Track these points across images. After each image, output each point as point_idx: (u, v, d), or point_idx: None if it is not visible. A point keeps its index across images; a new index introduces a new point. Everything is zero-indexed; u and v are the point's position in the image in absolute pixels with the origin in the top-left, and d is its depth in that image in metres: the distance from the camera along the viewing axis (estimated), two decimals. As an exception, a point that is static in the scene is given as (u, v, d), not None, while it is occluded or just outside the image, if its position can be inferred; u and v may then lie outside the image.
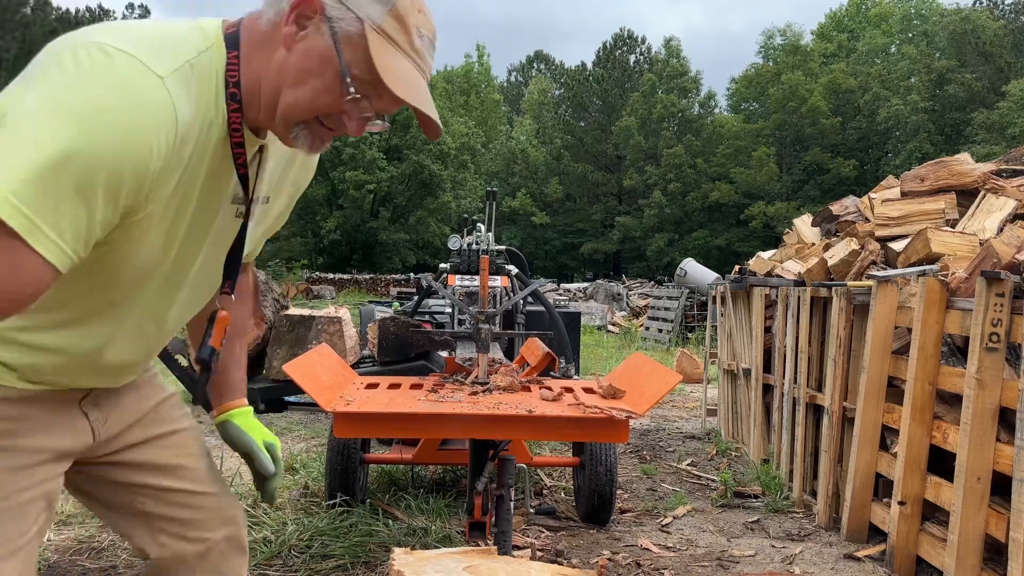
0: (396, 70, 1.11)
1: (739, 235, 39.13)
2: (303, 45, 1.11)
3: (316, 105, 1.13)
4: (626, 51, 47.79)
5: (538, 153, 47.45)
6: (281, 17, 1.11)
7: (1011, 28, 36.88)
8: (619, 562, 3.17)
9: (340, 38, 1.10)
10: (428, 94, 1.17)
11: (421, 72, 1.16)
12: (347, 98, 1.11)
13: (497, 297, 4.36)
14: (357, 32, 1.10)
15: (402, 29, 1.12)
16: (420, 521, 3.39)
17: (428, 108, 1.13)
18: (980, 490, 2.74)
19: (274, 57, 1.12)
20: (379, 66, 1.09)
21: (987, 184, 3.87)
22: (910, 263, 3.52)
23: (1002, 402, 2.71)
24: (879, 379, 3.41)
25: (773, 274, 4.91)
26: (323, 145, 1.21)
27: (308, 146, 1.18)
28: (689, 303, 13.48)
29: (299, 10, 1.10)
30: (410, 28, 1.13)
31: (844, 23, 45.54)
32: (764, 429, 4.89)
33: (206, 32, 1.13)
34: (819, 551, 3.39)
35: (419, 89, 1.14)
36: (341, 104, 1.13)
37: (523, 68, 63.70)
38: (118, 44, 1.02)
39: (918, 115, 35.81)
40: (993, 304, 2.71)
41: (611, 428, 2.06)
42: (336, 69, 1.10)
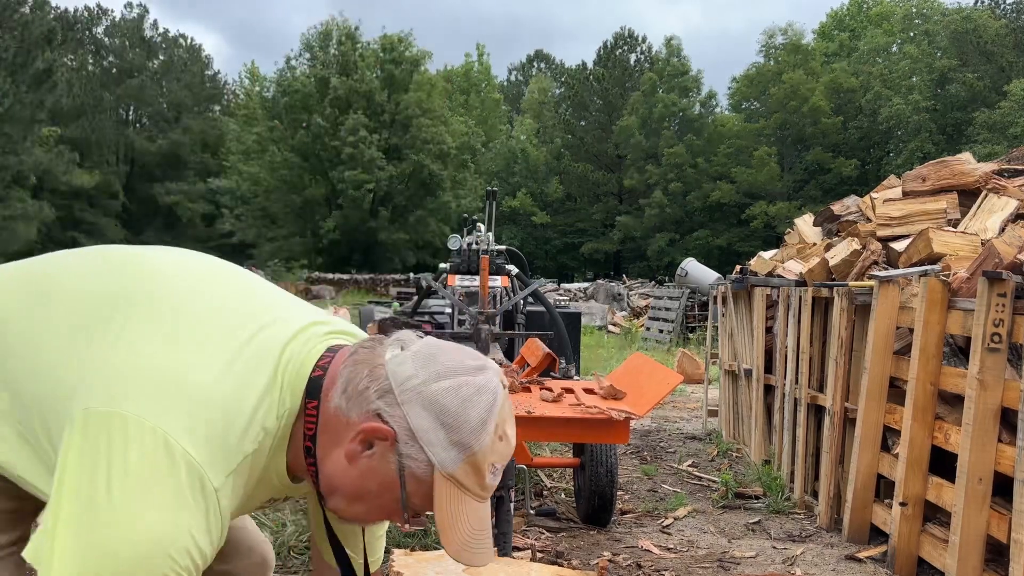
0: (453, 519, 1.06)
1: (740, 235, 39.10)
2: (367, 465, 1.07)
3: (369, 519, 1.16)
4: (627, 50, 47.76)
5: (538, 153, 47.43)
6: (349, 420, 1.06)
7: (1013, 27, 36.84)
8: (619, 563, 3.16)
9: (406, 473, 1.05)
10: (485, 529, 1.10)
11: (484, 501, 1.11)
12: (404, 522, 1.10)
13: (497, 297, 4.35)
14: (425, 476, 1.05)
15: (475, 474, 1.07)
16: (420, 522, 3.38)
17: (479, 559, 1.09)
18: (982, 491, 2.73)
19: (334, 457, 1.08)
20: (439, 519, 1.06)
21: (989, 184, 3.86)
22: (912, 263, 3.51)
23: (1004, 403, 2.70)
24: (880, 379, 3.40)
25: (774, 274, 4.90)
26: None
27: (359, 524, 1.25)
28: (690, 303, 13.46)
29: (368, 435, 1.05)
30: (484, 472, 1.08)
31: (845, 22, 45.51)
32: (765, 430, 4.88)
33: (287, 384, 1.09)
34: (820, 552, 3.38)
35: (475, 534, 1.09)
36: (394, 518, 1.13)
37: (523, 67, 63.68)
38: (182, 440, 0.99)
39: (919, 115, 35.78)
40: (995, 304, 2.69)
41: (611, 429, 2.05)
42: (396, 497, 1.07)
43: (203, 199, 43.24)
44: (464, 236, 4.89)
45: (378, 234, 35.15)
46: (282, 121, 34.84)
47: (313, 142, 34.24)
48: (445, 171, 35.56)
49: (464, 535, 1.07)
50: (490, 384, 1.08)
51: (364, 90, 34.61)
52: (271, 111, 35.98)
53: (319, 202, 35.32)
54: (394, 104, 35.45)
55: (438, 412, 1.04)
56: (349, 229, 34.80)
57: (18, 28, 15.80)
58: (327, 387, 1.09)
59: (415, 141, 34.82)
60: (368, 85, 34.70)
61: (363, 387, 1.06)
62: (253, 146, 35.99)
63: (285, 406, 1.09)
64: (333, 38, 36.84)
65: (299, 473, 1.14)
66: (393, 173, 34.38)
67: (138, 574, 0.95)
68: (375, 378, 1.06)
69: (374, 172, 33.68)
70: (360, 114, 33.71)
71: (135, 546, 0.94)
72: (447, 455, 1.04)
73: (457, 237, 4.78)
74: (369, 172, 33.61)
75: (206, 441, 1.00)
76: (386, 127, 35.42)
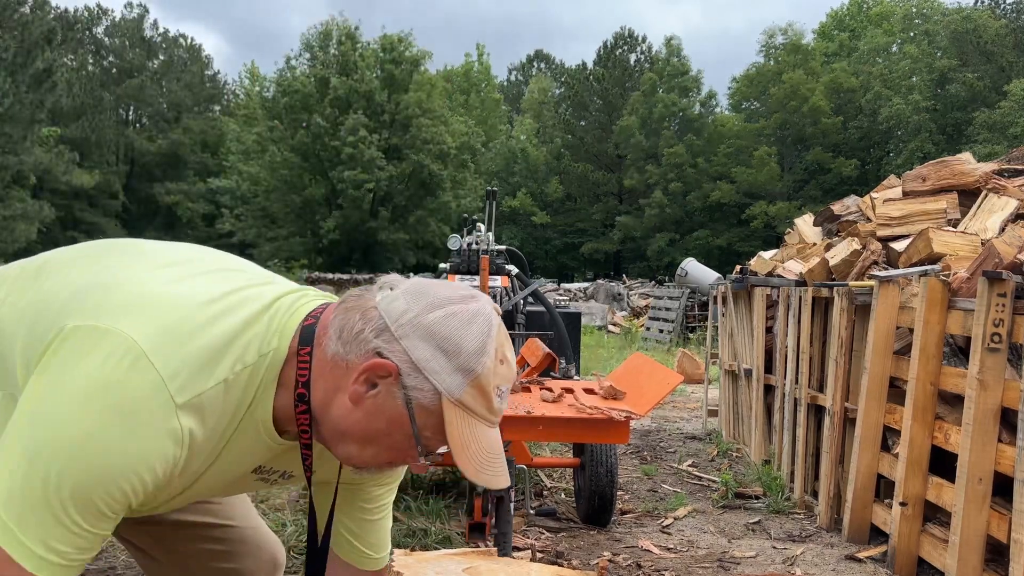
0: (468, 443, 1.06)
1: (740, 235, 39.09)
2: (372, 404, 1.06)
3: (382, 461, 1.12)
4: (627, 50, 47.75)
5: (538, 153, 47.42)
6: (349, 363, 1.05)
7: (1013, 27, 36.84)
8: (620, 563, 3.16)
9: (414, 406, 1.05)
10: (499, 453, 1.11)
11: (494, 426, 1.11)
12: (415, 448, 1.08)
13: (497, 297, 4.35)
14: (433, 404, 1.05)
15: (482, 397, 1.06)
16: (420, 522, 3.38)
17: (497, 481, 1.09)
18: (982, 491, 2.73)
19: (338, 402, 1.07)
20: (453, 445, 1.05)
21: (989, 184, 3.86)
22: (912, 263, 3.51)
23: (1004, 403, 2.70)
24: (880, 379, 3.40)
25: (774, 274, 4.90)
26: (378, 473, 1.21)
27: (371, 474, 1.20)
28: (690, 303, 13.47)
29: (370, 373, 1.04)
30: (491, 395, 1.07)
31: (845, 22, 45.50)
32: (765, 430, 4.88)
33: (274, 327, 1.09)
34: (820, 552, 3.38)
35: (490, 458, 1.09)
36: (408, 459, 1.12)
37: (523, 67, 63.68)
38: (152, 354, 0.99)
39: (919, 114, 35.78)
40: (995, 304, 2.70)
41: (612, 429, 2.05)
42: (407, 432, 1.06)
43: (203, 199, 43.25)
44: (464, 236, 4.89)
45: (378, 234, 35.14)
46: (282, 121, 34.81)
47: (313, 142, 34.22)
48: (445, 171, 35.54)
49: (479, 458, 1.07)
50: (484, 310, 1.08)
51: (364, 90, 34.60)
52: (271, 111, 35.95)
53: (319, 202, 35.31)
54: (394, 104, 35.43)
55: (437, 341, 1.04)
56: (349, 229, 34.79)
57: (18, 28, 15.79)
58: (320, 334, 1.08)
59: (415, 141, 34.80)
60: (368, 85, 34.68)
61: (358, 329, 1.06)
62: (253, 146, 35.97)
63: (271, 346, 1.08)
64: (333, 38, 36.82)
65: (288, 426, 1.11)
66: (393, 173, 34.36)
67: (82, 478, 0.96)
68: (369, 319, 1.06)
69: (374, 172, 33.67)
70: (360, 114, 33.69)
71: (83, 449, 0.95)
72: (452, 381, 1.04)
73: (457, 237, 4.78)
74: (369, 172, 33.59)
75: (180, 357, 1.00)
76: (386, 127, 35.40)
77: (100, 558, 3.08)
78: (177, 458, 1.02)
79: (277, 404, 1.10)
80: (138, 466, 0.98)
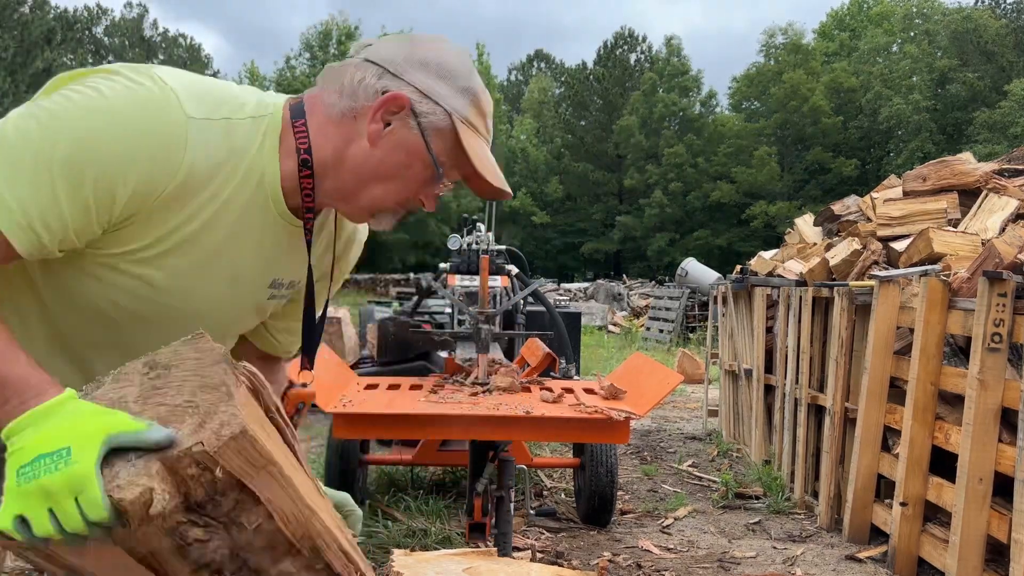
0: (482, 156, 1.16)
1: (740, 235, 39.08)
2: (390, 140, 1.12)
3: (405, 195, 1.17)
4: (627, 50, 47.75)
5: (538, 152, 47.42)
6: (358, 111, 1.12)
7: (1013, 27, 36.83)
8: (620, 563, 3.16)
9: (429, 132, 1.12)
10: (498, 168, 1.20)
11: (490, 143, 1.20)
12: (433, 181, 1.15)
13: (497, 297, 4.35)
14: (446, 126, 1.12)
15: (480, 116, 1.16)
16: (420, 522, 3.38)
17: (508, 189, 1.19)
18: (982, 491, 2.73)
19: (353, 151, 1.13)
20: (472, 157, 1.13)
21: (989, 184, 3.86)
22: (912, 263, 3.51)
23: (1004, 403, 2.70)
24: (881, 379, 3.39)
25: (775, 274, 4.89)
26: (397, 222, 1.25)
27: (388, 225, 1.24)
28: (690, 303, 13.46)
29: (385, 108, 1.10)
30: (486, 113, 1.17)
31: (845, 22, 45.48)
32: (765, 430, 4.88)
33: (266, 102, 1.15)
34: (820, 552, 3.38)
35: (496, 169, 1.18)
36: (425, 186, 1.17)
37: (523, 67, 63.67)
38: (167, 78, 1.05)
39: (920, 114, 35.77)
40: (995, 304, 2.69)
41: (611, 429, 2.04)
42: (425, 160, 1.13)
43: (203, 199, 43.19)
44: (464, 236, 4.89)
45: (378, 234, 34.92)
46: (282, 121, 34.79)
47: (313, 142, 34.25)
48: (445, 171, 35.51)
49: (493, 170, 1.17)
50: (453, 42, 1.18)
51: (364, 90, 34.62)
52: (271, 111, 35.92)
53: (319, 202, 35.33)
54: (394, 104, 35.46)
55: (434, 69, 1.12)
56: (349, 229, 34.74)
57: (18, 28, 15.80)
58: (310, 108, 1.14)
59: (415, 141, 34.80)
60: (368, 85, 34.70)
61: (359, 78, 1.11)
62: (253, 146, 35.94)
63: (268, 110, 1.13)
64: (333, 38, 36.84)
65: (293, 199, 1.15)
66: (393, 173, 34.34)
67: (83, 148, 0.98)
68: (365, 69, 1.11)
69: (374, 172, 33.65)
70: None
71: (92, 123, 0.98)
72: (458, 101, 1.13)
73: (457, 237, 4.78)
74: (369, 172, 33.58)
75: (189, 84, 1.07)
76: (386, 127, 35.43)
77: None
78: (175, 170, 1.03)
79: (284, 172, 1.13)
80: (138, 154, 1.00)
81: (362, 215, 1.20)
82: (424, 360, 3.94)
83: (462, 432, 2.17)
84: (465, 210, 31.94)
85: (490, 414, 2.09)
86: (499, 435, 2.24)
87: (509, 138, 49.20)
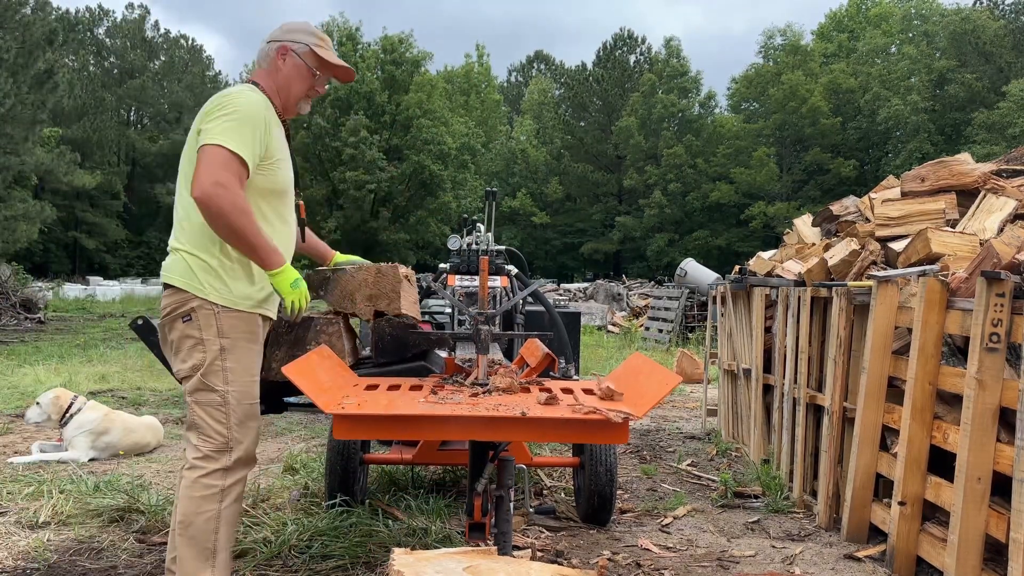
0: (331, 55, 2.59)
1: (739, 235, 39.11)
2: (288, 65, 2.55)
3: (303, 89, 2.57)
4: (626, 51, 47.77)
5: (538, 153, 47.42)
6: (271, 62, 2.56)
7: (1011, 28, 36.84)
8: (619, 562, 3.17)
9: (302, 55, 2.56)
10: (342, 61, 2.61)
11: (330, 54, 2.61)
12: (316, 80, 2.58)
13: (497, 297, 4.36)
14: (307, 50, 2.56)
15: (322, 41, 2.60)
16: (420, 521, 3.39)
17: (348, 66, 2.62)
18: (980, 490, 2.74)
19: (277, 78, 2.55)
20: (324, 57, 2.57)
21: (987, 184, 3.87)
22: (910, 263, 3.52)
23: (1002, 402, 2.71)
24: (879, 379, 3.40)
25: (773, 274, 4.90)
26: (307, 109, 2.64)
27: (306, 110, 2.63)
28: (689, 303, 13.47)
29: (279, 53, 2.56)
30: (326, 39, 2.62)
31: (844, 23, 45.50)
32: (764, 429, 4.89)
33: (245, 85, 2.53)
34: (819, 551, 3.39)
35: (341, 61, 2.59)
36: (314, 84, 2.58)
37: (523, 68, 63.69)
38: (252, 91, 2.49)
39: (918, 115, 35.79)
40: (993, 304, 2.70)
41: (611, 429, 2.05)
42: (308, 71, 2.57)
43: (203, 200, 43.14)
44: (464, 236, 4.89)
45: (379, 234, 35.13)
46: (282, 122, 34.81)
47: (314, 143, 34.24)
48: (445, 172, 35.53)
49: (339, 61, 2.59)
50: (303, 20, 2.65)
51: (365, 91, 34.62)
52: (271, 112, 35.94)
53: (320, 202, 35.29)
54: (395, 105, 35.45)
55: (292, 28, 2.58)
56: (350, 229, 34.78)
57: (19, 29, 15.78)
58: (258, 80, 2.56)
59: (415, 142, 34.81)
60: (369, 86, 34.70)
61: (265, 51, 2.58)
62: (253, 147, 35.94)
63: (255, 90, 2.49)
64: (334, 39, 36.82)
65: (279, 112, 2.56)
66: (394, 174, 34.37)
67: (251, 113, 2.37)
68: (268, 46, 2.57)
69: (375, 173, 33.67)
70: (361, 115, 33.73)
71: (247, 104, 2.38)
72: (309, 39, 2.56)
73: (457, 237, 4.79)
74: (370, 173, 33.59)
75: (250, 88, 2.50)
76: (387, 128, 35.41)
77: (101, 558, 3.09)
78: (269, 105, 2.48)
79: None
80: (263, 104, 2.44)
81: (294, 109, 2.59)
82: (422, 360, 3.94)
83: (462, 433, 2.17)
84: (465, 210, 31.96)
85: (490, 415, 2.10)
86: (499, 436, 2.25)
87: (509, 139, 49.17)
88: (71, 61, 39.86)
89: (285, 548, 3.10)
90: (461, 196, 36.73)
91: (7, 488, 3.99)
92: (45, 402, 4.81)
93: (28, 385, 7.50)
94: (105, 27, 48.97)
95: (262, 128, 2.36)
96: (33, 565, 3.01)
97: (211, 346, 2.37)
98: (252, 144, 2.32)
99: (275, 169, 2.44)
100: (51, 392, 4.88)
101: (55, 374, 8.27)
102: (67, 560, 3.06)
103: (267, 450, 5.09)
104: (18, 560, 3.06)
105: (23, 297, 16.34)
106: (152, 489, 3.95)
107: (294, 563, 3.01)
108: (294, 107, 2.55)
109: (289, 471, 4.38)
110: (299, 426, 5.90)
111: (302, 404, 3.04)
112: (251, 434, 2.42)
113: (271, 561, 3.02)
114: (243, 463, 2.40)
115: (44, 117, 16.93)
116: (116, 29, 48.98)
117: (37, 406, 4.82)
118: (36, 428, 5.06)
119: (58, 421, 4.78)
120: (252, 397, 2.43)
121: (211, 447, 2.35)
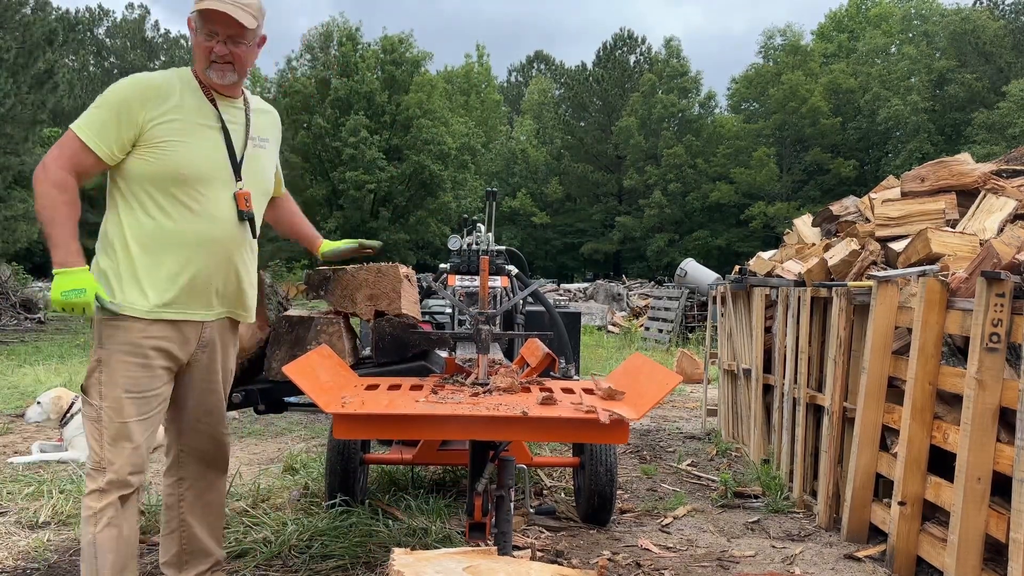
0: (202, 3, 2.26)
1: (739, 235, 39.09)
2: (195, 37, 2.32)
3: (200, 53, 2.32)
4: (626, 51, 47.75)
5: (538, 153, 47.41)
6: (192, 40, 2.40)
7: (1011, 28, 36.84)
8: (619, 562, 3.17)
9: (195, 22, 2.31)
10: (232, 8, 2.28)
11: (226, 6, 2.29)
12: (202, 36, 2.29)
13: (497, 297, 4.36)
14: (194, 13, 2.30)
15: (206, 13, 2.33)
16: (420, 521, 3.39)
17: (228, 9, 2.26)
18: (980, 490, 2.74)
19: (196, 49, 2.35)
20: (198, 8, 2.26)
21: (987, 184, 3.87)
22: (910, 263, 3.52)
23: (1002, 402, 2.71)
24: (879, 379, 3.41)
25: (773, 274, 4.90)
26: (223, 76, 2.34)
27: (216, 77, 2.35)
28: (689, 303, 13.47)
29: (189, 27, 2.36)
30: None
31: (844, 23, 45.49)
32: (764, 429, 4.89)
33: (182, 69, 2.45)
34: (819, 551, 3.39)
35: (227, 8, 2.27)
36: (203, 42, 2.30)
37: (523, 68, 63.68)
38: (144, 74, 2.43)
39: (918, 115, 35.78)
40: (993, 304, 2.70)
41: (610, 429, 2.05)
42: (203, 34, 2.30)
43: (203, 199, 43.08)
44: (464, 236, 4.90)
45: (379, 234, 35.09)
46: (283, 122, 34.84)
47: (314, 143, 34.24)
48: (445, 172, 35.53)
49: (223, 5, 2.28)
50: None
51: (365, 91, 34.60)
52: (271, 112, 35.92)
53: (320, 202, 35.30)
54: (395, 105, 35.43)
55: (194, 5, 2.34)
56: (350, 229, 34.76)
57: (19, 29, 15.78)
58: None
59: (415, 142, 34.80)
60: (369, 86, 34.69)
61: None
62: (253, 147, 35.91)
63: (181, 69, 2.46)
64: (334, 39, 36.83)
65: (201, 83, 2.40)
66: (394, 174, 34.36)
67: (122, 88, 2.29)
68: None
69: (375, 173, 33.67)
70: (361, 115, 33.72)
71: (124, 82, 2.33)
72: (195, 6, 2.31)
73: (457, 237, 4.79)
74: (370, 173, 33.59)
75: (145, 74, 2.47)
76: (387, 128, 35.40)
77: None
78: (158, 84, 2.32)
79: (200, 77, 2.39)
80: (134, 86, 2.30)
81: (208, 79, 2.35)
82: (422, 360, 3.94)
83: (462, 432, 2.17)
84: (465, 211, 31.96)
85: (490, 415, 2.10)
86: (499, 435, 2.25)
87: (509, 139, 49.16)
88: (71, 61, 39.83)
89: (285, 548, 3.10)
90: (461, 196, 36.73)
91: (7, 488, 3.99)
92: (46, 402, 4.81)
93: (28, 385, 7.50)
94: (105, 27, 48.98)
95: (125, 111, 2.19)
96: (33, 565, 3.01)
97: (92, 357, 2.27)
98: (102, 128, 2.18)
99: (163, 153, 2.22)
100: (52, 392, 4.88)
101: (55, 374, 8.27)
102: (67, 560, 3.06)
103: (267, 450, 5.09)
104: (18, 560, 3.06)
105: (23, 297, 16.35)
106: (151, 489, 3.95)
107: (294, 563, 3.01)
108: (204, 76, 2.33)
109: (289, 471, 4.38)
110: (299, 426, 5.90)
111: (302, 404, 3.04)
112: (122, 455, 2.18)
113: (271, 561, 3.03)
114: (116, 486, 2.18)
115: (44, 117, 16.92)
116: (116, 29, 48.99)
117: (38, 406, 4.83)
118: (36, 428, 5.06)
119: (58, 421, 4.79)
120: (125, 415, 2.20)
121: (90, 465, 2.22)
